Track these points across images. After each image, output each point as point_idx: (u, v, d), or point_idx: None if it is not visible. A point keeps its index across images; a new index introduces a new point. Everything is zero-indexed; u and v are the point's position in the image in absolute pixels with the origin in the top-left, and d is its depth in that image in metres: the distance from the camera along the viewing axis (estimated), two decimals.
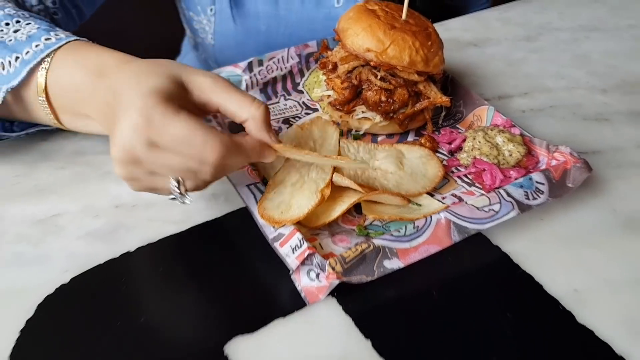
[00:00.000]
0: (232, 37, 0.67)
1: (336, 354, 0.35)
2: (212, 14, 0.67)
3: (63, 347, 0.35)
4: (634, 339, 0.37)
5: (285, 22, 0.66)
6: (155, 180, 0.38)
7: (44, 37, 0.44)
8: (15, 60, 0.44)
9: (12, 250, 0.40)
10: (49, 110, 0.44)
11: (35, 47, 0.44)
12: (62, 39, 0.44)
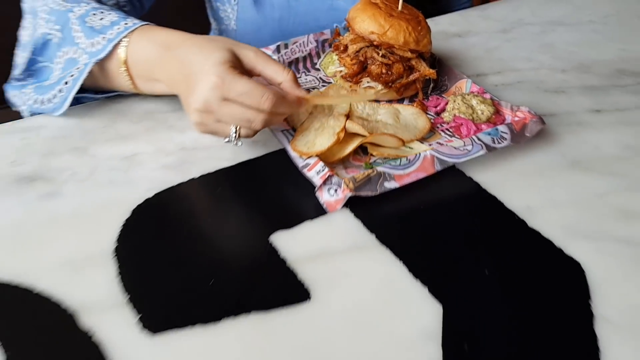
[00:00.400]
0: (251, 23, 0.81)
1: (349, 243, 0.48)
2: (235, 3, 0.81)
3: (150, 238, 0.48)
4: (569, 238, 0.50)
5: (295, 12, 0.80)
6: (219, 126, 0.52)
7: (123, 22, 0.58)
8: (102, 40, 0.58)
9: (107, 177, 0.54)
10: (127, 77, 0.58)
11: (117, 29, 0.58)
12: (137, 23, 0.58)
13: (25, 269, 0.45)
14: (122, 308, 0.42)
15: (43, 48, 0.61)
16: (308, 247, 0.48)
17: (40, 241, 0.47)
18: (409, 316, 0.43)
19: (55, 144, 0.57)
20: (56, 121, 0.60)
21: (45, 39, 0.60)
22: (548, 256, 0.49)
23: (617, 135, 0.62)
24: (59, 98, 0.59)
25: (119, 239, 0.48)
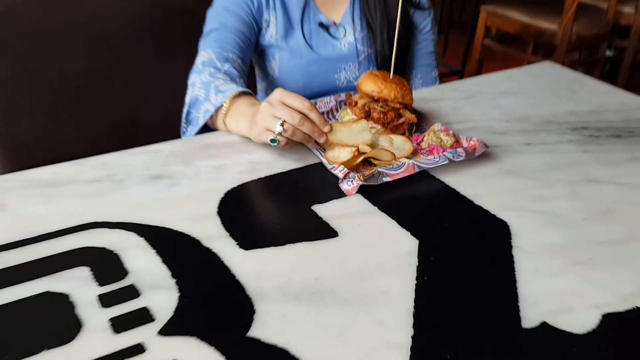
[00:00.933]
0: (288, 69, 1.17)
1: (360, 210, 0.78)
2: (277, 59, 1.17)
3: (236, 205, 0.78)
4: (501, 210, 0.79)
5: (315, 59, 1.17)
6: (273, 121, 0.82)
7: (234, 89, 0.92)
8: (220, 96, 0.91)
9: (206, 176, 0.84)
10: (223, 122, 0.91)
11: (229, 91, 0.91)
12: (240, 89, 0.92)
13: (165, 221, 0.74)
14: (226, 238, 0.71)
15: (195, 104, 0.97)
16: (335, 212, 0.77)
17: (171, 208, 0.77)
18: (397, 245, 0.72)
19: (171, 158, 0.88)
20: (169, 146, 0.92)
21: (197, 99, 0.97)
22: (486, 218, 0.78)
23: (540, 157, 0.93)
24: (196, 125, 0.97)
25: (219, 206, 0.77)
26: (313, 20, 1.18)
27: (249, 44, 1.13)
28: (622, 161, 0.93)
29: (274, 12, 1.15)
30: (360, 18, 1.20)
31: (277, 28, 1.16)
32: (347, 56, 1.20)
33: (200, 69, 1.05)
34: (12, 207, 0.76)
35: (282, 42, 1.16)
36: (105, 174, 0.84)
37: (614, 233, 0.76)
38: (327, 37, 1.19)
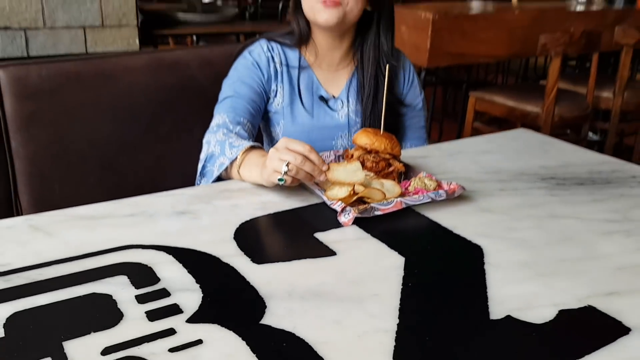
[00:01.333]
0: (290, 134, 1.32)
1: (356, 237, 0.91)
2: (281, 125, 1.33)
3: (248, 233, 0.91)
4: (475, 236, 0.92)
5: (315, 127, 1.33)
6: (279, 163, 0.97)
7: (246, 143, 1.08)
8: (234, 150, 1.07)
9: (223, 212, 0.98)
10: (237, 172, 1.07)
11: (242, 146, 1.08)
12: (251, 143, 1.08)
13: (189, 244, 0.88)
14: (241, 256, 0.84)
15: (210, 159, 1.14)
16: (334, 238, 0.91)
17: (194, 235, 0.91)
18: (387, 260, 0.85)
19: (193, 199, 1.03)
20: (191, 190, 1.07)
21: (212, 154, 1.13)
22: (463, 243, 0.91)
23: (512, 199, 1.07)
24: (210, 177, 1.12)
25: (234, 234, 0.91)
26: (315, 93, 1.36)
27: (258, 111, 1.31)
28: (584, 202, 1.07)
29: (281, 84, 1.34)
30: (357, 93, 1.38)
31: (284, 97, 1.34)
32: (343, 126, 1.37)
33: (214, 129, 1.22)
34: (59, 234, 0.90)
35: (286, 110, 1.34)
36: (138, 210, 0.99)
37: (574, 253, 0.89)
38: (327, 109, 1.36)
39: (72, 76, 1.49)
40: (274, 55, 1.34)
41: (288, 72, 1.34)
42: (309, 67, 1.36)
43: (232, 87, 1.30)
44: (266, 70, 1.33)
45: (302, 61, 1.36)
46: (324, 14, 1.25)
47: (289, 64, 1.35)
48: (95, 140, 1.54)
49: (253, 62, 1.33)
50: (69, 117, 1.51)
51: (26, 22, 1.62)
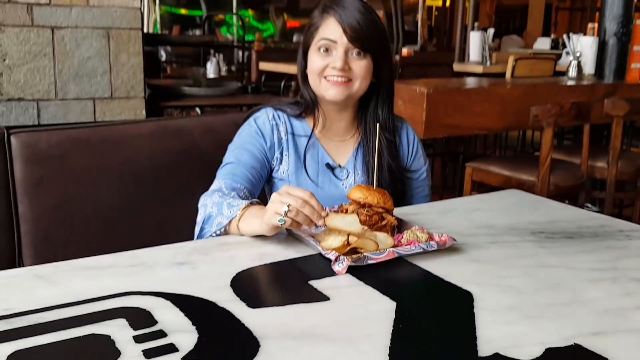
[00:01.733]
0: None
1: (349, 284, 0.94)
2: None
3: (244, 282, 0.94)
4: (466, 283, 0.95)
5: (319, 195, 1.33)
6: (280, 206, 1.01)
7: (245, 203, 1.13)
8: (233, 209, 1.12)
9: (221, 261, 1.01)
10: (237, 226, 1.11)
11: (242, 203, 1.12)
12: (250, 202, 1.13)
13: (187, 291, 0.90)
14: (237, 301, 0.87)
15: (208, 221, 1.17)
16: (328, 285, 0.93)
17: (192, 283, 0.93)
18: (379, 304, 0.87)
19: (192, 252, 1.06)
20: (191, 244, 1.10)
21: (210, 215, 1.17)
22: (454, 289, 0.94)
23: (502, 251, 1.10)
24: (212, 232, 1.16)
25: (231, 281, 0.94)
26: (321, 161, 1.41)
27: (259, 178, 1.36)
28: (572, 253, 1.10)
29: (287, 152, 1.39)
30: (362, 163, 1.43)
31: (289, 165, 1.39)
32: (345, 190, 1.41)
33: (210, 193, 1.26)
34: (61, 282, 0.93)
35: (292, 178, 1.39)
36: (138, 261, 1.02)
37: (561, 298, 0.92)
38: (332, 177, 1.41)
39: (81, 142, 1.56)
40: (279, 124, 1.39)
41: (294, 140, 1.39)
42: (314, 136, 1.41)
43: (233, 153, 1.36)
44: (270, 138, 1.38)
45: (308, 130, 1.41)
46: (332, 90, 1.33)
47: (295, 133, 1.40)
48: (99, 204, 1.59)
49: (257, 130, 1.39)
50: (76, 181, 1.56)
51: (39, 93, 1.71)
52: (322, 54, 1.33)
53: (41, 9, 1.65)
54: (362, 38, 1.30)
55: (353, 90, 1.34)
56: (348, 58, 1.31)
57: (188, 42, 4.18)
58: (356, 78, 1.33)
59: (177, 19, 8.04)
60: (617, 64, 3.68)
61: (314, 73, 1.34)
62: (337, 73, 1.31)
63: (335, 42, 1.31)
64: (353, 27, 1.29)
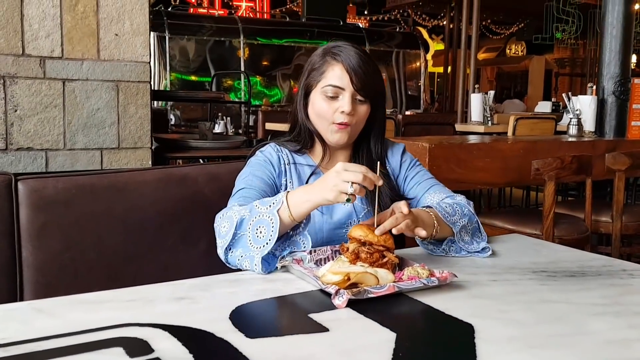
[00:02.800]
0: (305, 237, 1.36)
1: (349, 317, 0.93)
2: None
3: (244, 314, 0.94)
4: (466, 316, 0.94)
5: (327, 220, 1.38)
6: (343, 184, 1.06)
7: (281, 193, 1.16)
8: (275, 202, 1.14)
9: (221, 296, 1.01)
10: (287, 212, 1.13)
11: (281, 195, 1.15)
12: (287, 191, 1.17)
13: (185, 322, 0.90)
14: (236, 332, 0.87)
15: (240, 225, 1.17)
16: (328, 318, 0.93)
17: (191, 315, 0.93)
18: (378, 335, 0.86)
19: (192, 287, 1.06)
20: (191, 280, 1.10)
21: (242, 219, 1.17)
22: (454, 322, 0.93)
23: (503, 288, 1.10)
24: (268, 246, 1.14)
25: (231, 314, 0.93)
26: None
27: None
28: (574, 290, 1.09)
29: (291, 180, 1.42)
30: None
31: None
32: (351, 213, 1.43)
33: (226, 210, 1.27)
34: (61, 315, 0.93)
35: None
36: (138, 296, 1.02)
37: (564, 330, 0.91)
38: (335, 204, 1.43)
39: (86, 188, 1.59)
40: (282, 156, 1.45)
41: (296, 169, 1.44)
42: (316, 166, 1.46)
43: (244, 180, 1.39)
44: (277, 166, 1.43)
45: (310, 161, 1.47)
46: (335, 135, 1.40)
47: (297, 162, 1.46)
48: (103, 250, 1.59)
49: (265, 158, 1.44)
50: (80, 228, 1.58)
51: (48, 143, 1.75)
52: (328, 99, 1.38)
53: (53, 62, 1.72)
54: (367, 86, 1.37)
55: (354, 132, 1.42)
56: (354, 104, 1.37)
57: (196, 98, 4.26)
58: (356, 122, 1.39)
59: (187, 85, 8.26)
60: (616, 122, 3.74)
61: (323, 117, 1.40)
62: (344, 119, 1.37)
63: (343, 89, 1.37)
64: (359, 75, 1.36)
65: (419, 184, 1.50)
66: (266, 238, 1.15)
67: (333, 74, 1.38)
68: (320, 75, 1.39)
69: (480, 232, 1.38)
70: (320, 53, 1.42)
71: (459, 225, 1.33)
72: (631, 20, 3.74)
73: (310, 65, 1.43)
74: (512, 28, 14.04)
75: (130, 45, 1.80)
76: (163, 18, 7.96)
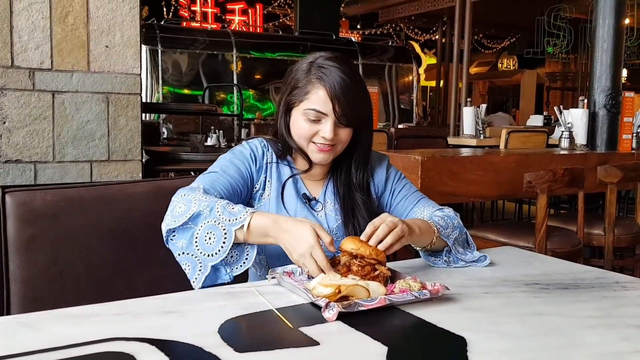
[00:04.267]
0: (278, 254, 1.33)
1: (340, 330, 0.92)
2: None
3: (233, 328, 0.92)
4: (459, 329, 0.93)
5: None
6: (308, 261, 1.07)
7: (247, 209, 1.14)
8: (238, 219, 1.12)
9: (209, 310, 0.99)
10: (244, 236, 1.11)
11: (245, 212, 1.12)
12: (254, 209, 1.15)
13: (173, 337, 0.88)
14: (224, 346, 0.85)
15: (195, 218, 1.16)
16: (318, 331, 0.91)
17: (179, 330, 0.91)
18: (370, 349, 0.85)
19: (181, 301, 1.05)
20: (181, 294, 1.08)
21: (199, 213, 1.16)
22: (446, 335, 0.92)
23: (496, 300, 1.08)
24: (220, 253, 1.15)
25: (219, 328, 0.92)
26: (299, 192, 1.43)
27: (238, 194, 1.35)
28: (567, 303, 1.08)
29: (270, 178, 1.41)
30: (334, 194, 1.44)
31: (271, 191, 1.40)
32: (323, 223, 1.41)
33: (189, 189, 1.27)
34: (46, 329, 0.91)
35: (272, 204, 1.39)
36: (126, 310, 1.00)
37: (556, 343, 0.89)
38: (309, 208, 1.42)
39: (75, 201, 1.57)
40: (267, 152, 1.43)
41: (277, 169, 1.42)
42: (296, 169, 1.44)
43: (220, 164, 1.37)
44: (260, 160, 1.41)
45: (292, 163, 1.45)
46: (317, 155, 1.38)
47: (279, 161, 1.44)
48: (92, 264, 1.57)
49: (249, 150, 1.41)
50: (68, 240, 1.55)
51: (37, 156, 1.74)
52: (310, 121, 1.35)
53: (43, 73, 1.71)
54: (350, 115, 1.34)
55: (335, 153, 1.40)
56: (336, 128, 1.35)
57: (187, 110, 4.22)
58: (339, 143, 1.38)
59: (180, 98, 8.25)
60: (608, 135, 3.75)
61: (304, 138, 1.37)
62: (325, 142, 1.35)
63: (326, 115, 1.34)
64: (342, 104, 1.32)
65: (406, 197, 1.48)
66: (214, 248, 1.16)
67: (317, 97, 1.33)
68: (304, 96, 1.35)
69: (469, 243, 1.39)
70: (305, 69, 1.36)
71: (452, 238, 1.33)
72: (622, 35, 3.77)
73: (294, 81, 1.38)
74: (503, 42, 14.17)
75: (120, 57, 1.80)
76: (156, 31, 7.96)
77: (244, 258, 1.19)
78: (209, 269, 1.16)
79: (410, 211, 1.45)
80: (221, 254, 1.15)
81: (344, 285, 1.03)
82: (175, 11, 12.22)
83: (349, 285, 1.02)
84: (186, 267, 1.20)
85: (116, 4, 1.83)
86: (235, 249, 1.19)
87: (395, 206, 1.49)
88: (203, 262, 1.17)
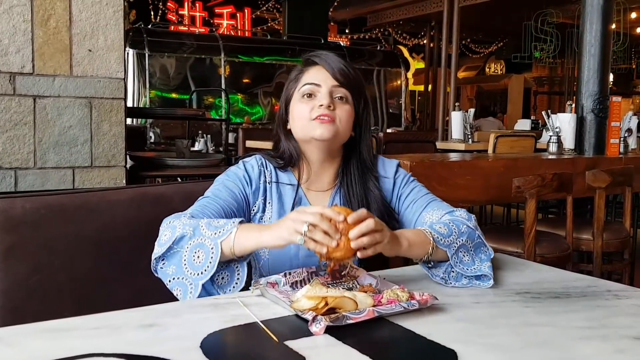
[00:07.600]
0: (276, 253, 1.31)
1: (327, 344, 0.89)
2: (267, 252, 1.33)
3: (217, 342, 0.89)
4: (449, 342, 0.90)
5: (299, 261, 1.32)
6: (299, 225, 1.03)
7: (233, 220, 1.11)
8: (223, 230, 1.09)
9: (192, 323, 0.96)
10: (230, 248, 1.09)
11: (232, 223, 1.09)
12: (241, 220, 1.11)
13: (154, 352, 0.85)
14: None
15: (179, 240, 1.12)
16: (304, 345, 0.88)
17: (160, 344, 0.88)
18: None
19: (162, 314, 1.01)
20: (162, 306, 1.05)
21: (183, 235, 1.13)
22: (437, 348, 0.89)
23: (487, 310, 1.06)
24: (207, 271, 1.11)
25: (202, 342, 0.89)
26: None
27: (232, 216, 1.30)
28: (559, 312, 1.06)
29: (270, 200, 1.36)
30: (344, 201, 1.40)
31: (272, 214, 1.36)
32: None
33: (174, 217, 1.23)
34: (21, 344, 0.88)
35: None
36: (105, 323, 0.97)
37: (549, 356, 0.87)
38: None
39: (56, 209, 1.53)
40: (265, 171, 1.38)
41: (278, 189, 1.38)
42: (299, 186, 1.40)
43: (212, 189, 1.34)
44: (256, 182, 1.37)
45: (294, 180, 1.40)
46: (319, 129, 1.32)
47: (280, 181, 1.39)
48: (74, 274, 1.53)
49: (244, 172, 1.37)
50: (49, 250, 1.51)
51: (17, 162, 1.69)
52: (306, 100, 1.34)
53: (24, 78, 1.67)
54: (345, 78, 1.35)
55: (340, 129, 1.33)
56: (332, 99, 1.33)
57: (173, 115, 4.16)
58: (340, 120, 1.33)
59: (167, 102, 8.19)
60: (596, 139, 3.76)
61: (302, 118, 1.34)
62: (323, 111, 1.31)
63: (319, 85, 1.34)
64: (336, 68, 1.35)
65: (414, 202, 1.40)
66: (203, 266, 1.12)
67: (308, 74, 1.37)
68: (297, 82, 1.38)
69: (487, 247, 1.31)
70: (297, 68, 1.42)
71: (455, 247, 1.23)
72: (609, 39, 3.78)
73: (288, 80, 1.42)
74: (491, 47, 14.24)
75: (104, 61, 1.76)
76: (143, 35, 7.91)
77: (235, 279, 1.16)
78: (200, 288, 1.12)
79: (420, 216, 1.38)
80: (210, 269, 1.11)
81: (331, 297, 1.00)
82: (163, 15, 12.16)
83: (336, 297, 0.99)
84: (178, 293, 1.15)
85: (99, 8, 1.79)
86: (225, 270, 1.15)
87: (404, 211, 1.41)
88: (194, 282, 1.13)
